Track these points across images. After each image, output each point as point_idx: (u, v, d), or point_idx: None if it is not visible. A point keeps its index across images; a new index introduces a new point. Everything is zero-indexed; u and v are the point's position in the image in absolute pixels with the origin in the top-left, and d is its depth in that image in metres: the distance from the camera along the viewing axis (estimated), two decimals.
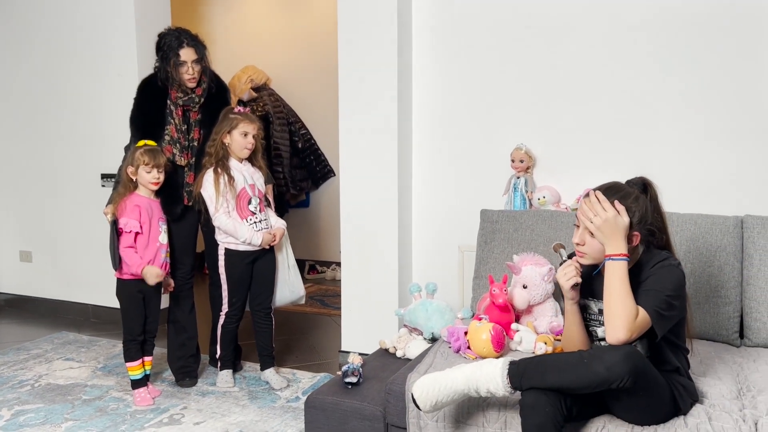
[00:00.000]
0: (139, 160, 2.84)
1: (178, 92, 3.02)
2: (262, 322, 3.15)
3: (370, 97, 3.18)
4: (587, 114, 2.95)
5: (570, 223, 2.67)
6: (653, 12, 2.79)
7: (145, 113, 3.04)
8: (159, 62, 3.00)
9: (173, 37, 2.96)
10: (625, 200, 1.84)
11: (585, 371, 1.68)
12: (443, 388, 1.81)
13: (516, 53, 3.05)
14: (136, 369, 2.95)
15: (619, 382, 1.66)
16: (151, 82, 3.08)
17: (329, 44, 5.52)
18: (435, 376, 1.85)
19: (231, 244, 3.00)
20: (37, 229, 4.49)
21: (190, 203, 3.07)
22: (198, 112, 3.09)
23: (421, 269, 3.34)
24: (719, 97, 2.71)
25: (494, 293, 2.43)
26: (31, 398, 3.02)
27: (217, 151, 2.94)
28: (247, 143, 2.95)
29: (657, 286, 1.79)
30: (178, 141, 3.03)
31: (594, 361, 1.69)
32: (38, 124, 4.37)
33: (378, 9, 3.12)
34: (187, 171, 3.07)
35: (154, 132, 3.01)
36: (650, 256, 1.89)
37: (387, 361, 2.63)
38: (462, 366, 1.87)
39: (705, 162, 2.75)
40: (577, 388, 1.71)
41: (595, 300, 1.99)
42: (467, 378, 1.81)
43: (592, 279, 1.98)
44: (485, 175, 3.18)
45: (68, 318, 4.37)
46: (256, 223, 3.00)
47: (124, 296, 2.93)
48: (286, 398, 3.00)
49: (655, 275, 1.82)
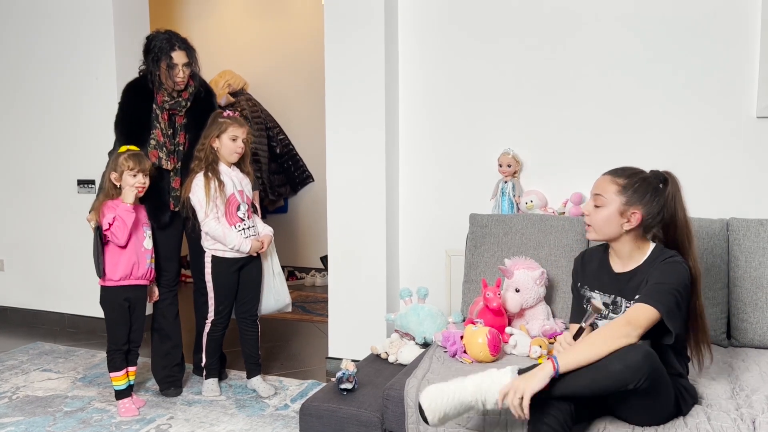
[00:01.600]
0: (124, 165, 2.78)
1: (165, 96, 2.97)
2: (249, 329, 3.10)
3: (357, 102, 3.17)
4: (573, 118, 2.98)
5: (559, 227, 2.70)
6: (640, 16, 2.83)
7: (130, 116, 2.98)
8: (147, 65, 2.95)
9: (164, 39, 2.91)
10: (632, 180, 1.94)
11: (604, 373, 1.68)
12: (450, 399, 1.77)
13: (502, 58, 3.08)
14: (120, 379, 2.88)
15: (636, 382, 1.66)
16: (136, 85, 3.02)
17: (306, 49, 5.52)
18: (441, 386, 1.82)
19: (218, 251, 2.96)
20: (8, 237, 4.36)
21: (177, 209, 3.01)
22: (184, 116, 3.04)
23: (408, 274, 3.33)
24: (704, 100, 2.76)
25: (488, 297, 2.44)
26: (10, 411, 2.93)
27: (206, 156, 2.90)
28: (237, 147, 2.92)
29: (662, 280, 1.82)
30: (164, 145, 2.98)
31: (613, 362, 1.69)
32: (11, 128, 4.26)
33: (364, 13, 3.11)
34: (173, 176, 3.01)
35: (139, 136, 2.95)
36: (659, 254, 1.93)
37: (380, 366, 2.62)
38: (468, 376, 1.83)
39: (691, 165, 2.79)
40: (594, 391, 1.71)
41: (601, 293, 2.01)
42: (475, 388, 1.77)
43: (600, 272, 2.01)
44: (471, 179, 3.19)
45: (43, 328, 4.26)
46: (244, 230, 2.96)
47: (108, 304, 2.87)
48: (275, 406, 2.96)
49: (660, 270, 1.85)
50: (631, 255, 1.99)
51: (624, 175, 1.99)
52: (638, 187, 1.94)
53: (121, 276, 2.82)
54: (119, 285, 2.83)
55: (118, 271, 2.81)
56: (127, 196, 2.78)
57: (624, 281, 1.98)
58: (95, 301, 3.93)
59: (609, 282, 2.02)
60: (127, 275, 2.83)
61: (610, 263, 2.05)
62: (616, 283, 2.00)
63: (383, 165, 3.16)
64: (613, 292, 2.00)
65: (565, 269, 2.64)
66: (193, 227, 2.99)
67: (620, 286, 1.99)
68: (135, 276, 2.85)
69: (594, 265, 2.09)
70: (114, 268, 2.80)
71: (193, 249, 3.14)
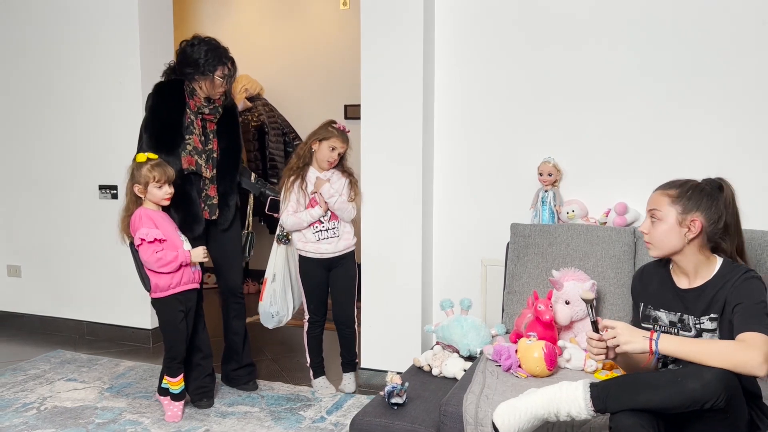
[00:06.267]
0: (148, 177, 2.71)
1: (201, 102, 2.93)
2: (343, 331, 3.22)
3: (393, 108, 3.12)
4: (614, 127, 2.95)
5: (606, 238, 2.66)
6: (686, 25, 2.79)
7: (162, 120, 2.91)
8: (184, 72, 2.90)
9: (213, 53, 2.89)
10: (684, 189, 1.92)
11: (680, 390, 1.65)
12: (523, 415, 1.76)
13: (543, 65, 3.04)
14: (177, 384, 2.85)
15: (714, 401, 1.63)
16: (165, 88, 2.97)
17: (322, 54, 5.47)
18: (512, 402, 1.81)
19: (303, 252, 3.10)
20: (27, 242, 4.28)
21: (213, 217, 2.96)
22: (215, 124, 3.01)
23: (442, 284, 3.28)
24: (753, 108, 2.73)
25: (539, 309, 2.40)
26: (40, 423, 2.86)
27: (304, 155, 3.07)
28: (330, 157, 3.04)
29: (754, 300, 1.78)
30: (203, 152, 2.94)
31: (689, 380, 1.65)
32: (32, 132, 4.18)
33: (401, 16, 3.07)
34: (208, 183, 2.97)
35: (170, 141, 2.89)
36: (730, 269, 1.88)
37: (424, 379, 2.57)
38: (537, 391, 1.82)
39: (739, 175, 2.73)
40: (668, 408, 1.67)
41: (666, 311, 1.97)
42: (547, 402, 1.76)
43: (663, 289, 1.96)
44: (507, 188, 3.14)
45: (61, 336, 4.18)
46: (321, 231, 3.05)
47: (165, 316, 2.81)
48: (311, 418, 2.90)
49: (743, 289, 1.81)
50: (697, 270, 1.94)
51: (674, 186, 1.96)
52: (691, 194, 1.92)
53: (169, 284, 2.76)
54: (169, 294, 2.77)
55: (163, 280, 2.75)
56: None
57: (691, 298, 1.93)
58: (114, 308, 3.90)
59: (674, 299, 1.97)
60: (177, 282, 2.78)
61: (673, 279, 2.00)
62: (682, 301, 1.95)
63: (419, 172, 3.12)
64: (679, 309, 1.95)
65: (613, 281, 2.60)
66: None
67: (687, 304, 1.94)
68: (185, 282, 2.80)
69: (655, 282, 2.04)
70: (159, 278, 2.74)
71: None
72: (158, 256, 2.68)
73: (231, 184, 3.07)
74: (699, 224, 1.89)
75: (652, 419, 1.67)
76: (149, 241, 2.68)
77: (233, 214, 3.09)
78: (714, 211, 1.90)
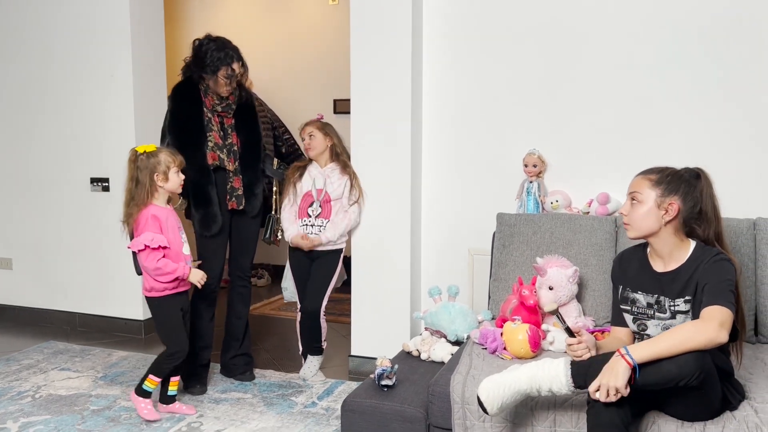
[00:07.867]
0: (169, 162, 2.71)
1: (215, 99, 3.06)
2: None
3: (383, 101, 3.19)
4: (598, 119, 3.03)
5: (588, 227, 2.75)
6: (665, 19, 2.88)
7: (184, 121, 3.03)
8: (197, 71, 3.02)
9: (218, 52, 2.99)
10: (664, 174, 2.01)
11: (656, 369, 1.73)
12: (507, 389, 1.85)
13: (527, 60, 3.12)
14: (155, 383, 2.78)
15: (688, 379, 1.71)
16: (182, 89, 3.08)
17: (311, 48, 5.53)
18: (495, 378, 1.89)
19: (291, 243, 3.27)
20: (18, 235, 4.31)
21: (241, 207, 3.12)
22: (231, 118, 3.13)
23: (431, 272, 3.36)
24: (730, 101, 2.82)
25: (524, 294, 2.48)
26: (35, 410, 2.91)
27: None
28: (308, 144, 3.27)
29: (721, 278, 1.86)
30: (224, 147, 3.06)
31: (665, 360, 1.73)
32: (23, 125, 4.21)
33: (390, 14, 3.14)
34: (232, 176, 3.09)
35: (195, 139, 3.01)
36: (702, 252, 1.97)
37: (413, 363, 2.64)
38: (520, 367, 1.91)
39: (717, 166, 2.82)
40: (646, 385, 1.75)
41: (643, 293, 2.05)
42: (530, 378, 1.85)
43: (641, 272, 2.05)
44: (494, 179, 3.22)
45: (53, 327, 4.22)
46: (306, 226, 3.19)
47: (163, 316, 2.79)
48: (303, 404, 2.97)
49: (713, 270, 1.89)
50: (671, 253, 2.03)
51: (655, 171, 2.07)
52: (671, 179, 2.02)
53: (165, 287, 2.74)
54: (166, 294, 2.76)
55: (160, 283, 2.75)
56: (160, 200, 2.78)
57: (667, 281, 2.02)
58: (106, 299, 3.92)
59: (651, 282, 2.06)
60: (174, 286, 2.77)
61: (650, 263, 2.09)
62: (658, 283, 2.04)
63: (408, 164, 3.19)
64: (656, 291, 2.04)
65: (595, 268, 2.69)
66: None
67: (663, 286, 2.03)
68: (183, 285, 2.81)
69: (634, 266, 2.13)
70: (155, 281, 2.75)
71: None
72: (158, 265, 2.67)
73: (255, 173, 3.19)
74: (676, 207, 1.98)
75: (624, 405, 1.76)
76: (153, 248, 2.66)
77: (260, 201, 3.24)
78: (691, 197, 2.00)
